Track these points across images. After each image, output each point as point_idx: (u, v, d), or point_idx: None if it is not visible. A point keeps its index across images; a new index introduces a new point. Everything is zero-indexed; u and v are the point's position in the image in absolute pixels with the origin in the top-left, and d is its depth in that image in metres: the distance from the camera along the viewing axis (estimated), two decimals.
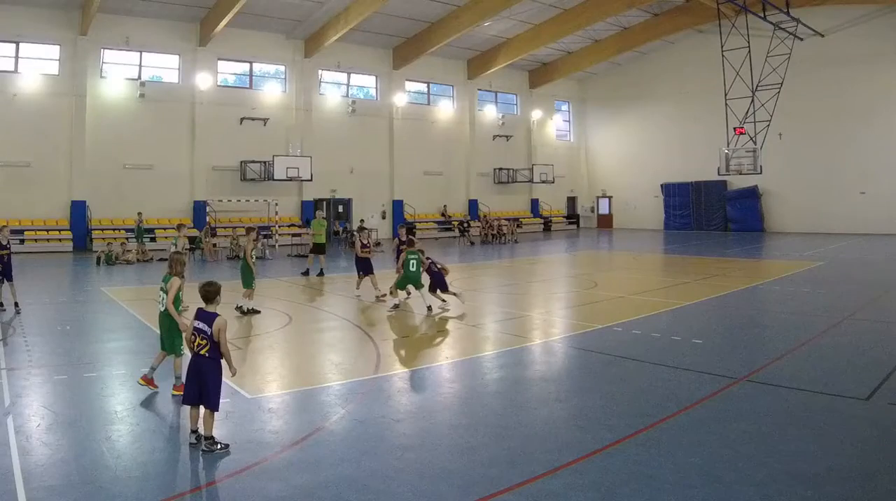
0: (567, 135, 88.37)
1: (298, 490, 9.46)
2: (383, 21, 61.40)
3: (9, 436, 11.30)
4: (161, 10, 54.96)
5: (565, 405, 13.72)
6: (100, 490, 9.46)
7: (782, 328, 22.13)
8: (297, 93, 63.88)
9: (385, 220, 69.70)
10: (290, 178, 60.03)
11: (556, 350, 18.94)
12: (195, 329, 11.15)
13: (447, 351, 19.23)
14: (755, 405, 13.40)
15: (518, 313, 25.22)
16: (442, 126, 74.93)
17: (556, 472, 9.96)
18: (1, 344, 18.77)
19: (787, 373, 15.62)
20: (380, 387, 14.84)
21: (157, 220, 54.92)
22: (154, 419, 12.81)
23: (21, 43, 51.87)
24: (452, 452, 10.97)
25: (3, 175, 50.76)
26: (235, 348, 17.20)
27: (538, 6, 61.65)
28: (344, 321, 23.57)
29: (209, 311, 11.24)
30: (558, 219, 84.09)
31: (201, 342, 11.02)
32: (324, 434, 11.83)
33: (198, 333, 11.08)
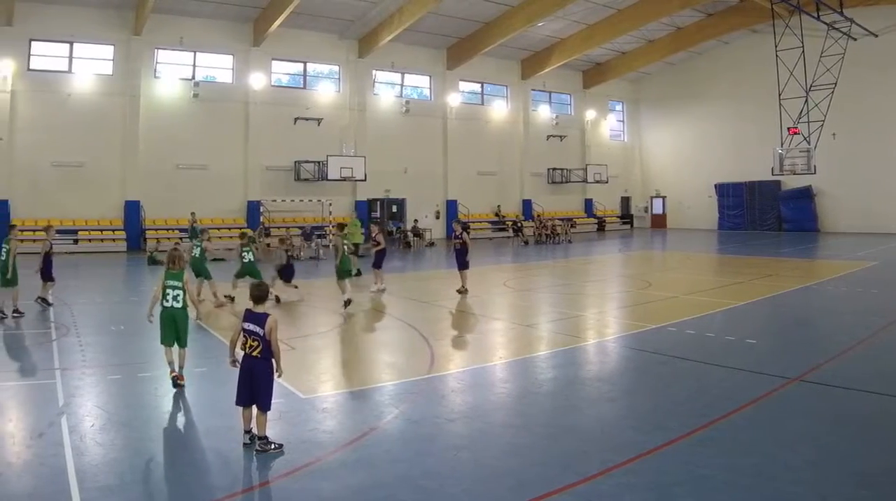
0: (621, 135, 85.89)
1: (352, 491, 9.35)
2: (437, 21, 59.71)
3: (63, 436, 11.13)
4: (215, 10, 53.64)
5: (619, 405, 13.50)
6: (153, 490, 9.45)
7: (836, 328, 21.73)
8: (351, 93, 62.19)
9: (439, 220, 67.69)
10: (344, 178, 58.36)
11: (609, 350, 18.67)
12: (246, 330, 10.92)
13: (501, 351, 18.83)
14: (809, 405, 13.25)
15: (572, 313, 24.78)
16: (496, 126, 72.83)
17: (609, 472, 9.74)
18: (55, 344, 18.47)
19: (842, 373, 15.28)
20: (433, 387, 14.65)
21: (210, 220, 52.97)
22: (208, 419, 12.64)
23: (75, 43, 50.70)
24: (506, 452, 10.79)
25: (57, 175, 49.68)
26: (289, 348, 16.97)
27: (592, 6, 59.75)
28: (398, 321, 23.24)
29: (259, 312, 10.99)
30: (612, 219, 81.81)
31: (252, 343, 10.84)
32: (377, 434, 11.64)
33: (249, 335, 10.88)
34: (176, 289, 14.37)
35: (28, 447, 10.84)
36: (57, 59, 50.56)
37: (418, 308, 26.15)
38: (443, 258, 42.32)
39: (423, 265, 45.21)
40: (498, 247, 57.69)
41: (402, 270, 41.01)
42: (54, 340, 19.05)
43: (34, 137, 48.67)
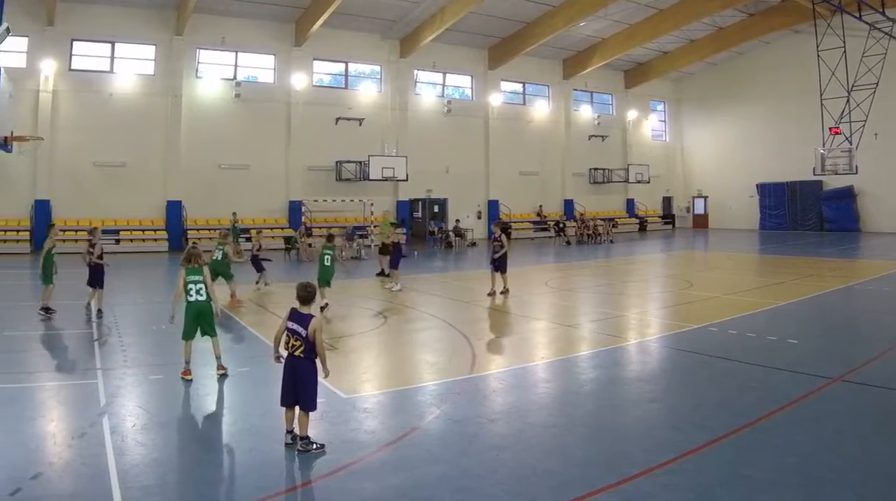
0: (662, 135, 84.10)
1: (393, 490, 9.24)
2: (479, 21, 58.13)
3: (104, 436, 11.04)
4: (257, 10, 52.62)
5: (660, 405, 13.30)
6: (194, 490, 9.37)
7: (878, 328, 21.39)
8: (393, 93, 60.97)
9: (480, 220, 66.12)
10: (386, 178, 57.16)
11: (651, 350, 18.37)
12: (289, 330, 10.84)
13: (542, 351, 18.56)
14: (851, 405, 12.98)
15: (613, 313, 24.30)
16: (537, 126, 71.24)
17: (650, 472, 9.61)
18: (97, 345, 18.25)
19: (884, 373, 15.06)
20: (475, 387, 14.46)
21: (252, 220, 52.42)
22: (249, 419, 12.49)
23: (116, 43, 49.96)
24: (547, 452, 10.66)
25: (99, 175, 48.93)
26: (331, 348, 16.78)
27: (634, 6, 58.35)
28: (439, 320, 22.68)
29: (304, 313, 10.86)
30: (654, 219, 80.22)
31: (295, 343, 10.73)
32: (419, 434, 11.51)
33: (291, 334, 10.78)
34: (198, 284, 14.59)
35: (69, 447, 10.72)
36: (98, 59, 49.81)
37: (459, 308, 25.63)
38: (484, 258, 39.79)
39: (465, 265, 44.23)
40: (540, 247, 56.88)
41: (443, 270, 40.93)
42: (96, 340, 18.82)
43: (76, 137, 47.94)
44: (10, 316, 22.30)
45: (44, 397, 13.76)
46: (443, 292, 30.39)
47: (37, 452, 10.49)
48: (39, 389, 14.32)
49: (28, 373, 15.48)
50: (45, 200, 47.17)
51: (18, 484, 9.16)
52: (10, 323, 21.01)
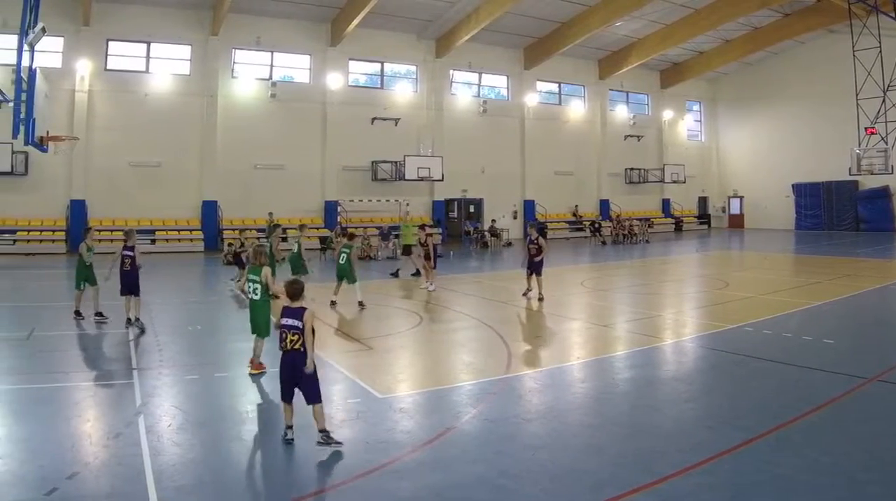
0: (698, 135, 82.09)
1: (429, 490, 9.13)
2: (514, 21, 56.74)
3: (140, 436, 10.92)
4: (292, 10, 51.63)
5: (696, 405, 13.05)
6: (230, 490, 9.28)
7: None
8: (429, 93, 59.67)
9: (516, 220, 64.69)
10: (422, 178, 56.09)
11: (686, 350, 18.02)
12: (285, 326, 10.77)
13: (578, 351, 18.24)
14: (887, 405, 12.72)
15: (649, 313, 23.84)
16: (573, 126, 69.53)
17: (686, 472, 9.50)
18: (133, 345, 17.96)
19: None
20: (511, 387, 14.22)
21: (287, 220, 49.33)
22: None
23: (152, 43, 49.08)
24: (583, 452, 10.56)
25: (135, 175, 48.00)
26: (367, 348, 17.56)
27: (669, 6, 56.80)
28: (475, 320, 22.26)
29: (295, 307, 10.89)
30: (689, 219, 78.26)
31: (293, 338, 10.69)
32: (455, 433, 11.32)
33: (288, 329, 10.73)
34: (255, 283, 14.78)
35: (105, 447, 10.58)
36: (134, 59, 48.90)
37: (495, 307, 25.16)
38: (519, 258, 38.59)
39: (500, 265, 43.28)
40: (575, 247, 55.69)
41: (478, 270, 40.36)
42: (131, 340, 18.48)
43: (111, 137, 47.08)
44: (45, 317, 21.93)
45: (80, 397, 13.48)
46: (478, 292, 30.02)
47: (73, 452, 10.33)
48: (75, 389, 14.03)
49: (64, 373, 15.21)
50: (81, 200, 46.34)
51: (55, 484, 9.00)
52: (45, 324, 20.59)
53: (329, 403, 12.42)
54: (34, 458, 10.02)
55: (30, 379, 14.46)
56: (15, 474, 9.51)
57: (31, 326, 19.90)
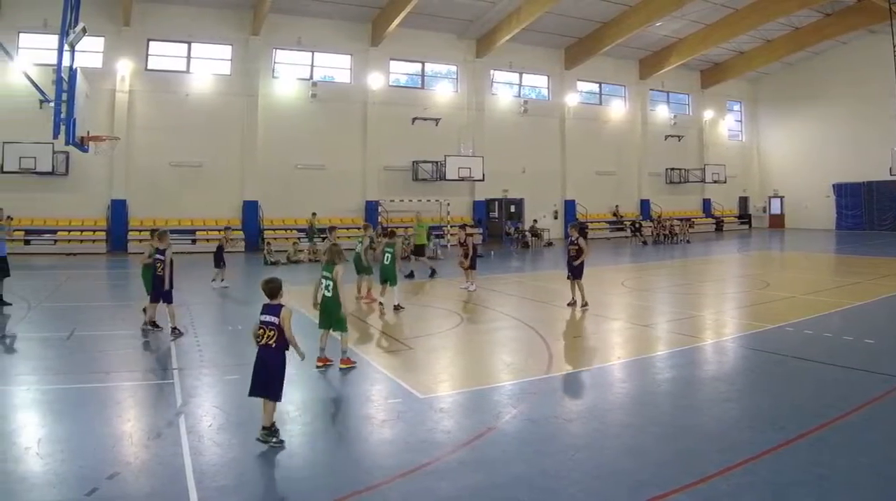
0: (739, 134, 79.45)
1: (470, 491, 8.92)
2: (555, 21, 55.01)
3: (181, 436, 10.72)
4: (333, 10, 50.01)
5: (736, 405, 12.63)
6: (271, 490, 9.23)
7: None
8: (469, 93, 57.81)
9: (557, 220, 62.66)
10: (462, 178, 54.37)
11: (727, 350, 17.55)
12: (263, 322, 10.70)
13: (618, 351, 17.79)
14: None
15: (689, 313, 23.28)
16: (613, 126, 67.38)
17: (726, 472, 9.28)
18: (173, 345, 17.57)
19: None
20: (552, 387, 13.94)
21: (328, 220, 47.90)
22: (325, 418, 12.12)
23: (193, 43, 47.84)
24: (623, 452, 10.30)
25: (175, 175, 46.77)
26: (407, 348, 17.47)
27: (710, 6, 55.01)
28: (516, 320, 21.67)
29: (273, 304, 10.83)
30: (730, 219, 75.77)
31: (269, 333, 10.63)
32: (495, 434, 11.03)
33: (266, 326, 10.66)
34: (327, 280, 14.98)
35: (146, 447, 10.35)
36: (175, 59, 47.63)
37: (536, 308, 24.67)
38: (560, 258, 38.30)
39: (541, 265, 42.47)
40: (616, 247, 54.19)
41: (520, 270, 39.39)
42: (172, 340, 18.02)
43: (152, 137, 45.90)
44: (85, 317, 21.50)
45: (120, 397, 13.22)
46: (519, 292, 29.31)
47: (113, 452, 10.14)
48: (116, 389, 13.74)
49: (105, 373, 14.88)
50: (122, 200, 45.16)
51: (95, 484, 8.81)
52: (85, 324, 20.15)
53: (370, 403, 12.78)
54: (75, 458, 9.76)
55: (70, 379, 14.13)
56: (56, 474, 9.23)
57: (71, 326, 19.44)
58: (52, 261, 39.33)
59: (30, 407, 12.51)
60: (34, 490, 8.79)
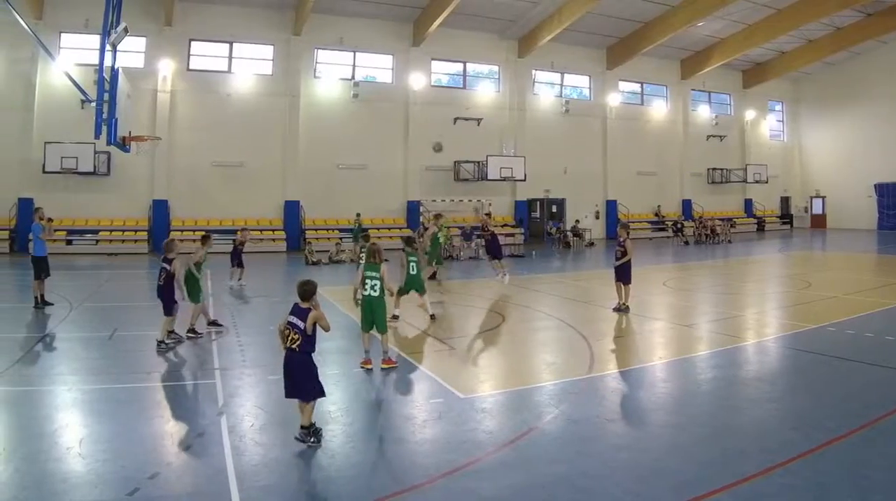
0: (780, 134, 76.60)
1: (511, 491, 8.56)
2: (597, 21, 52.87)
3: (222, 436, 10.45)
4: (375, 10, 48.28)
5: (778, 405, 12.23)
6: (313, 490, 8.88)
7: None
8: (511, 93, 55.81)
9: (599, 220, 60.67)
10: (504, 178, 52.50)
11: (769, 350, 16.93)
12: (289, 323, 10.42)
13: (660, 351, 17.15)
14: None
15: (731, 313, 22.66)
16: (655, 126, 65.08)
17: (769, 472, 8.97)
18: (215, 344, 17.23)
19: None
20: (593, 387, 13.37)
21: (370, 220, 47.95)
22: (366, 418, 11.72)
23: (234, 43, 46.33)
24: (665, 452, 9.96)
25: (217, 175, 45.35)
26: (449, 348, 16.89)
27: (751, 6, 52.64)
28: (557, 320, 21.06)
29: (303, 307, 10.50)
30: (772, 219, 73.19)
31: (294, 337, 10.34)
32: (537, 434, 10.69)
33: (291, 328, 10.37)
34: (374, 280, 14.71)
35: (188, 446, 10.08)
36: (216, 59, 46.18)
37: (577, 307, 23.98)
38: (601, 258, 38.87)
39: (582, 265, 40.90)
40: (658, 248, 52.17)
41: (561, 270, 38.29)
42: (214, 340, 17.73)
43: (194, 137, 44.56)
44: (127, 317, 21.16)
45: (162, 397, 12.93)
46: (561, 292, 28.46)
47: (155, 452, 9.84)
48: (157, 389, 13.43)
49: (146, 373, 14.53)
50: (163, 200, 43.79)
51: (137, 484, 8.54)
52: (127, 324, 19.76)
53: (411, 403, 12.45)
54: (116, 458, 9.43)
55: (112, 379, 13.78)
56: (97, 474, 8.89)
57: (113, 326, 19.03)
58: (93, 261, 38.04)
59: (71, 406, 12.11)
60: (76, 490, 8.45)
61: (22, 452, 9.71)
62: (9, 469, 9.11)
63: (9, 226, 41.05)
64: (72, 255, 39.63)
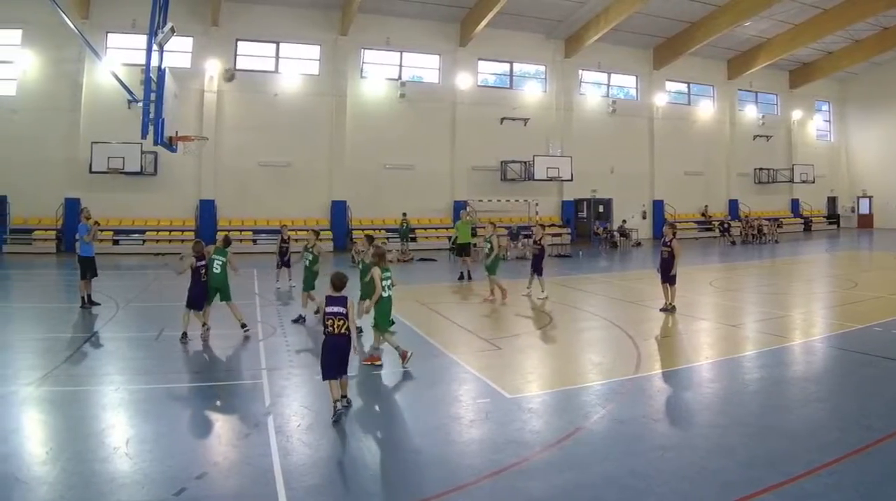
0: (827, 134, 73.20)
1: (559, 490, 8.38)
2: (643, 21, 50.50)
3: (269, 436, 10.21)
4: (421, 11, 46.16)
5: (825, 405, 11.89)
6: (360, 490, 8.62)
7: None
8: (558, 93, 53.50)
9: (646, 220, 58.28)
10: (551, 178, 50.09)
11: (815, 350, 16.50)
12: (333, 313, 10.86)
13: (707, 351, 16.66)
14: None
15: (778, 313, 21.91)
16: (702, 126, 62.36)
17: (815, 472, 8.72)
18: (262, 345, 16.84)
19: None
20: (640, 387, 13.06)
21: (416, 220, 46.12)
22: (414, 418, 11.45)
23: (281, 43, 44.41)
24: (712, 452, 9.67)
25: (263, 175, 43.61)
26: (496, 348, 16.40)
27: (798, 6, 49.85)
28: (604, 320, 20.37)
29: (338, 296, 11.00)
30: (818, 219, 69.80)
31: (339, 323, 10.85)
32: (584, 433, 10.46)
33: (334, 316, 10.85)
34: (388, 280, 14.69)
35: (234, 447, 9.88)
36: (264, 59, 44.31)
37: (624, 308, 23.34)
38: (648, 258, 37.74)
39: (629, 265, 39.84)
40: (704, 248, 49.85)
41: (607, 270, 37.20)
42: (261, 340, 17.28)
43: (240, 137, 42.77)
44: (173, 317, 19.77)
45: (209, 397, 12.60)
46: (607, 292, 27.90)
47: (202, 452, 9.74)
48: (204, 389, 13.11)
49: (193, 373, 14.42)
50: (210, 200, 41.91)
51: (184, 484, 8.36)
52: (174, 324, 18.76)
53: (458, 403, 12.05)
54: (163, 458, 9.25)
55: (159, 379, 13.48)
56: (144, 474, 8.72)
57: (160, 326, 18.66)
58: (140, 262, 36.59)
59: (118, 406, 11.80)
60: (123, 490, 8.22)
61: (69, 452, 9.38)
62: (56, 468, 8.80)
63: (55, 225, 39.23)
64: (118, 255, 38.13)
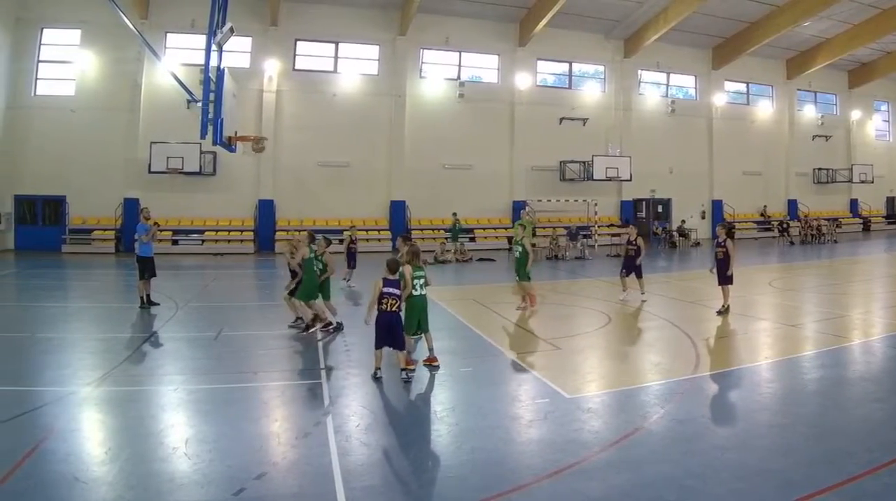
0: (886, 134, 68.86)
1: (618, 491, 7.92)
2: (702, 21, 46.86)
3: (328, 436, 9.91)
4: (481, 10, 43.24)
5: (885, 405, 11.18)
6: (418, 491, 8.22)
7: None
8: (617, 93, 50.53)
9: (704, 220, 54.63)
10: (610, 178, 46.75)
11: (875, 349, 15.67)
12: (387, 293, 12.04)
13: (766, 351, 15.88)
14: None
15: (837, 313, 20.81)
16: (760, 126, 59.04)
17: (875, 472, 8.23)
18: (321, 345, 16.36)
19: None
20: (698, 387, 12.54)
21: (476, 220, 43.64)
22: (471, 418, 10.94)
23: (340, 43, 41.65)
24: (771, 452, 9.18)
25: (322, 175, 41.13)
26: (555, 348, 15.85)
27: (857, 6, 45.93)
28: (663, 320, 19.37)
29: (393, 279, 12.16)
30: (877, 220, 65.47)
31: (392, 302, 12.01)
32: (643, 434, 10.04)
33: (390, 296, 12.04)
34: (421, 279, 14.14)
35: (294, 447, 9.58)
36: (323, 59, 41.77)
37: (682, 307, 22.06)
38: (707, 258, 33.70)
39: (688, 265, 38.27)
40: (763, 248, 47.10)
41: (667, 270, 35.81)
42: (320, 340, 16.62)
43: (299, 137, 40.28)
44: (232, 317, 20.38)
45: (268, 397, 12.19)
46: (666, 292, 26.29)
47: (261, 452, 9.40)
48: (263, 389, 12.60)
49: (252, 373, 13.76)
50: (269, 200, 39.58)
51: (243, 484, 8.15)
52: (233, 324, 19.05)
53: (517, 403, 11.57)
54: (223, 458, 8.97)
55: (218, 379, 13.12)
56: (204, 474, 8.45)
57: (219, 326, 18.18)
58: (199, 261, 34.96)
59: (178, 406, 11.42)
60: (182, 490, 8.00)
61: (128, 452, 9.08)
62: (114, 468, 8.50)
63: (115, 225, 37.19)
64: (177, 255, 36.36)
